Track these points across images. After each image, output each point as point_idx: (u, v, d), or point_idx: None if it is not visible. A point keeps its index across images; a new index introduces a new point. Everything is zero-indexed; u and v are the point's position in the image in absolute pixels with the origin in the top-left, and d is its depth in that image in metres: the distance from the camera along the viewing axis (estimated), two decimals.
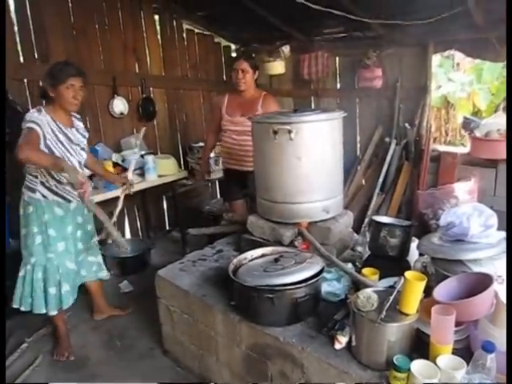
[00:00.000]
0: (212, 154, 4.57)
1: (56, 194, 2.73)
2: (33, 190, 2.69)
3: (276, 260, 2.20)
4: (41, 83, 2.76)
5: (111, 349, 3.03)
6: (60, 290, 2.82)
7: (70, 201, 2.81)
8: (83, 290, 3.18)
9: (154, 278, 2.82)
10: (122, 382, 2.65)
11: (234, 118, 3.55)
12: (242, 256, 2.38)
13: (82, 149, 2.83)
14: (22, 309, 2.84)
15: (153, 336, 3.06)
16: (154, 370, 2.78)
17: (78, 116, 2.90)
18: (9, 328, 3.15)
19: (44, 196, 2.70)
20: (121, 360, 2.91)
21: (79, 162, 2.80)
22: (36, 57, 3.77)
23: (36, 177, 2.68)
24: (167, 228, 5.22)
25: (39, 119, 2.53)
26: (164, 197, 5.06)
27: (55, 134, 2.62)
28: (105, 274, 3.21)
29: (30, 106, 3.73)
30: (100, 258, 3.19)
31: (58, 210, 2.76)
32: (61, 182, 2.70)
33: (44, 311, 2.83)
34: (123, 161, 3.92)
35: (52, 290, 2.79)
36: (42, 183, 2.69)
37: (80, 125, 2.88)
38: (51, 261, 2.77)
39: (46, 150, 2.54)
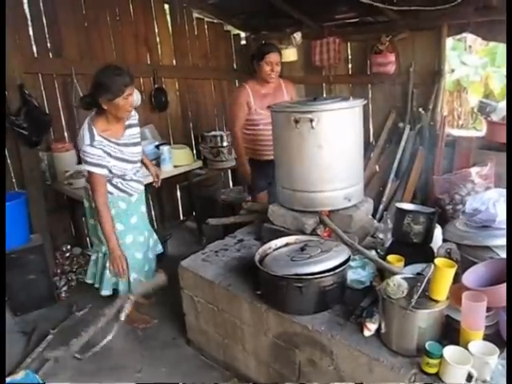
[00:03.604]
0: (225, 143, 4.59)
1: (121, 190, 2.79)
2: None
3: (302, 249, 2.20)
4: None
5: (134, 339, 3.06)
6: (129, 277, 2.92)
7: (131, 195, 2.87)
8: None
9: (171, 269, 2.86)
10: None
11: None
12: (267, 245, 2.39)
13: (134, 144, 2.78)
14: (96, 286, 3.00)
15: (175, 326, 3.10)
16: (178, 359, 2.82)
17: None
18: (33, 320, 3.22)
19: (110, 192, 2.74)
20: (144, 350, 2.94)
21: (136, 162, 2.82)
22: (49, 50, 3.78)
23: None
24: (181, 218, 5.25)
25: (96, 155, 2.53)
26: (178, 186, 5.08)
27: (112, 156, 2.62)
28: (160, 247, 3.22)
29: (45, 101, 3.76)
30: (155, 234, 3.22)
31: (122, 203, 2.82)
32: (125, 178, 2.78)
33: (109, 293, 2.98)
34: None
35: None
36: (109, 181, 2.71)
37: (130, 115, 2.76)
38: None
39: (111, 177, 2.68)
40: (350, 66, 4.83)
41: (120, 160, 2.68)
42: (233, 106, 3.61)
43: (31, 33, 3.62)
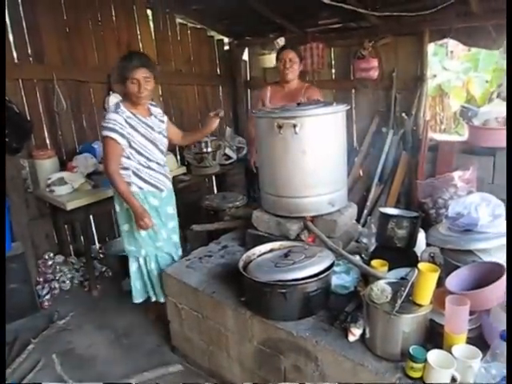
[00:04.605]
0: (209, 149, 4.58)
1: (150, 183, 2.77)
2: (128, 184, 2.69)
3: (286, 255, 2.20)
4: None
5: (118, 347, 3.03)
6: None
7: (162, 190, 2.86)
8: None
9: None
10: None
11: None
12: (251, 252, 2.38)
13: (162, 134, 2.83)
14: (153, 299, 3.00)
15: (159, 333, 3.07)
16: (163, 367, 2.78)
17: (154, 103, 2.94)
18: (15, 330, 3.16)
19: (140, 187, 2.74)
20: (128, 358, 2.91)
21: (162, 151, 2.84)
22: (30, 56, 3.73)
23: (127, 169, 2.69)
24: None
25: (117, 122, 2.56)
26: None
27: (137, 130, 2.65)
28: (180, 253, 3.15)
29: (26, 107, 3.71)
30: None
31: (153, 199, 2.81)
32: (152, 168, 2.76)
33: (163, 300, 2.93)
34: None
35: None
36: (135, 173, 2.71)
37: (157, 110, 2.88)
38: (161, 249, 2.89)
39: (132, 153, 2.65)
40: (333, 71, 4.85)
41: (147, 139, 2.70)
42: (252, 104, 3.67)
43: (11, 38, 3.57)
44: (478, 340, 1.76)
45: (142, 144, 2.68)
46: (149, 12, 4.66)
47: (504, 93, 4.74)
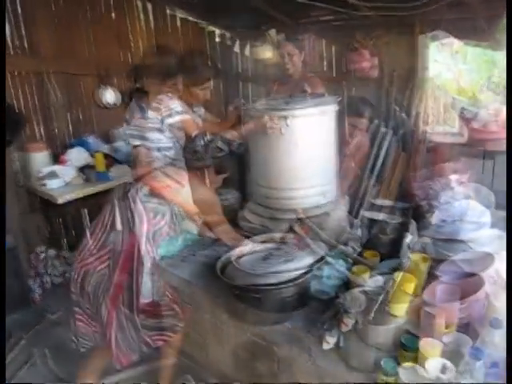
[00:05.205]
0: (202, 142, 4.56)
1: (175, 181, 2.71)
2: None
3: (278, 248, 2.22)
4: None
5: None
6: None
7: (184, 185, 2.79)
8: None
9: None
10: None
11: None
12: (244, 244, 2.37)
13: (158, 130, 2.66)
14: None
15: None
16: (158, 361, 2.78)
17: None
18: (7, 326, 3.13)
19: (167, 186, 2.68)
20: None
21: (181, 146, 2.80)
22: (20, 48, 3.70)
23: (155, 169, 2.64)
24: None
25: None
26: None
27: (162, 131, 2.60)
28: None
29: (18, 100, 3.69)
30: None
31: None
32: (176, 165, 2.72)
33: None
34: (116, 152, 3.87)
35: None
36: (163, 172, 2.65)
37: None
38: (179, 247, 2.82)
39: (159, 156, 2.62)
40: (325, 63, 4.85)
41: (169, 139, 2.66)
42: None
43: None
44: (468, 328, 1.77)
45: (167, 146, 2.66)
46: (139, 4, 4.62)
47: (494, 84, 4.77)
